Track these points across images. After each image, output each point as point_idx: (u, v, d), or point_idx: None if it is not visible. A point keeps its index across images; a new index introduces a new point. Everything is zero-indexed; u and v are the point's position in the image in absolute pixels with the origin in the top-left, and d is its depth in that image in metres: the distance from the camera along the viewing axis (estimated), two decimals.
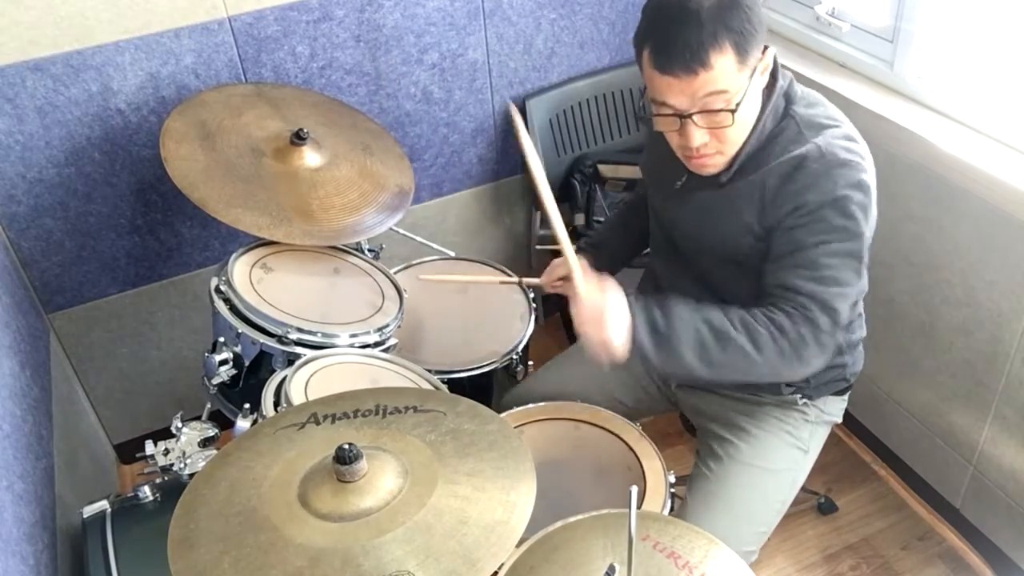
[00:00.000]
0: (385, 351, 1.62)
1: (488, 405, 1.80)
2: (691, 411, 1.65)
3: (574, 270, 1.34)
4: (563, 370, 1.72)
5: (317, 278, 1.72)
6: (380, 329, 1.62)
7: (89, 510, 1.51)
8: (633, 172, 2.28)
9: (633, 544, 0.99)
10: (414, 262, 2.00)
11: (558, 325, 2.52)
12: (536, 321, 1.88)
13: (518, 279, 1.81)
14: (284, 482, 1.03)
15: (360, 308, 1.67)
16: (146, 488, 1.51)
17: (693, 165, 1.34)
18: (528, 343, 1.84)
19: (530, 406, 1.55)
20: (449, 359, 1.77)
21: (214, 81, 1.93)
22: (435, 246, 2.02)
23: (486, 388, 1.81)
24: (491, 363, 1.77)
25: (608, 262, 1.75)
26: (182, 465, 1.52)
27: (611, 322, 1.27)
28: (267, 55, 1.95)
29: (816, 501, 2.11)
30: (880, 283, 1.36)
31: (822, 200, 1.26)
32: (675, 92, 1.22)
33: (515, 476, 1.05)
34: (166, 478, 1.54)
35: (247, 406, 1.53)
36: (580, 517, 1.15)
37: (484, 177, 2.39)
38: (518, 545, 1.03)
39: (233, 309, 1.55)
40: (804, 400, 1.52)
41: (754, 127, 1.30)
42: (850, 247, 1.27)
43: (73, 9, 1.72)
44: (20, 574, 1.27)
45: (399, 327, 1.68)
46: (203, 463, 1.50)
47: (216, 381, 1.58)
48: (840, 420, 1.60)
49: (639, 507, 1.04)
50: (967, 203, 1.72)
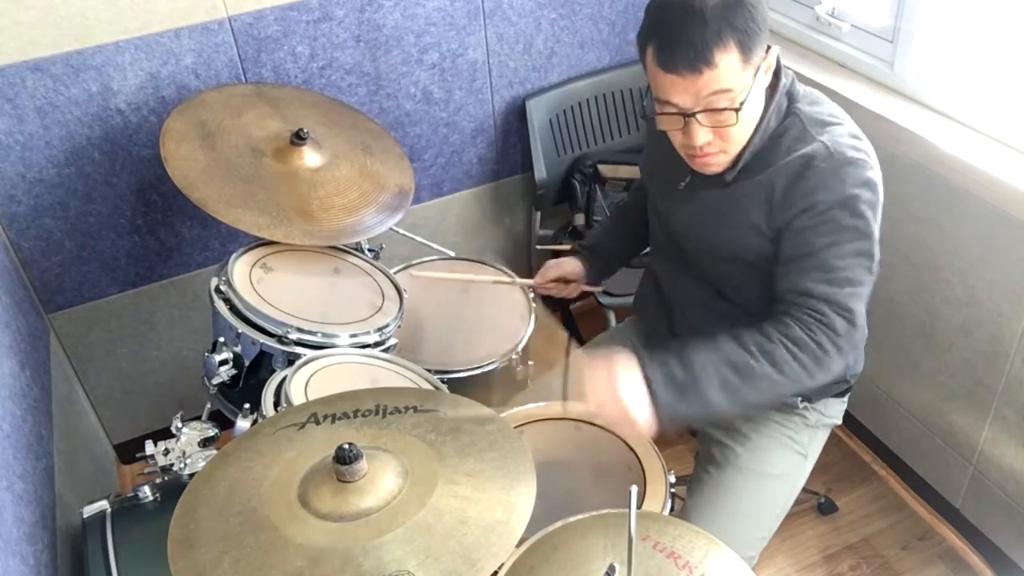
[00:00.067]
0: (385, 351, 1.62)
1: (488, 405, 1.82)
2: None
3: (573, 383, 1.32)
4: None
5: (317, 278, 1.72)
6: (380, 329, 1.62)
7: (89, 510, 1.51)
8: (633, 172, 2.27)
9: (633, 544, 0.99)
10: (414, 262, 2.00)
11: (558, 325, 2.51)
12: (536, 321, 1.88)
13: (511, 278, 1.81)
14: (284, 482, 1.03)
15: (360, 308, 1.67)
16: (146, 488, 1.51)
17: (696, 164, 1.34)
18: (528, 343, 1.84)
19: (530, 406, 1.55)
20: (449, 359, 1.77)
21: (214, 81, 1.93)
22: (435, 246, 2.02)
23: (486, 388, 1.81)
24: (491, 363, 1.77)
25: (604, 265, 1.76)
26: (182, 465, 1.52)
27: (629, 399, 1.23)
28: (267, 55, 1.95)
29: (816, 501, 2.11)
30: (880, 283, 1.36)
31: (831, 200, 1.25)
32: (679, 90, 1.22)
33: (515, 476, 1.05)
34: (166, 478, 1.54)
35: (247, 406, 1.53)
36: (580, 517, 1.15)
37: (484, 177, 2.39)
38: (518, 545, 1.03)
39: (233, 309, 1.55)
40: (804, 403, 1.52)
41: (758, 126, 1.30)
42: (861, 246, 1.27)
43: (73, 9, 1.72)
44: (20, 574, 1.27)
45: (399, 327, 1.68)
46: (203, 463, 1.50)
47: (216, 381, 1.57)
48: (840, 422, 1.60)
49: (639, 507, 1.04)
50: (967, 203, 1.72)
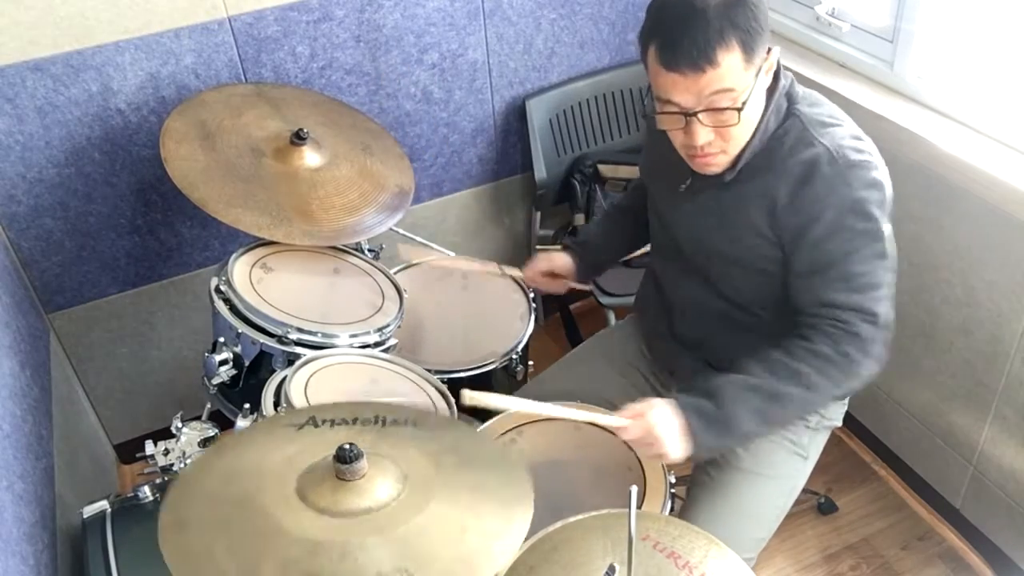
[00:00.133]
0: (385, 351, 1.62)
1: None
2: None
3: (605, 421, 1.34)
4: (561, 376, 1.71)
5: (317, 278, 1.72)
6: (380, 329, 1.62)
7: (89, 510, 1.51)
8: (633, 172, 2.28)
9: (633, 544, 0.99)
10: (414, 262, 2.00)
11: (558, 325, 2.52)
12: (536, 321, 1.88)
13: (498, 267, 1.78)
14: (282, 475, 1.02)
15: (360, 308, 1.67)
16: (146, 488, 1.51)
17: (696, 164, 1.34)
18: (528, 343, 1.84)
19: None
20: (449, 359, 1.77)
21: (214, 81, 1.93)
22: (435, 246, 2.02)
23: (486, 388, 1.81)
24: (491, 363, 1.77)
25: (594, 263, 1.75)
26: (182, 465, 1.52)
27: (668, 444, 1.26)
28: (267, 55, 1.95)
29: (816, 501, 2.11)
30: None
31: (841, 207, 1.25)
32: (681, 90, 1.22)
33: (513, 493, 1.05)
34: (166, 478, 1.54)
35: (247, 406, 1.53)
36: (580, 517, 1.15)
37: (484, 177, 2.39)
38: None
39: (233, 309, 1.55)
40: None
41: (757, 126, 1.29)
42: (877, 248, 1.27)
43: (73, 9, 1.72)
44: (20, 574, 1.27)
45: (399, 327, 1.68)
46: None
47: (216, 381, 1.57)
48: (840, 423, 1.60)
49: (639, 507, 1.04)
50: (967, 203, 1.72)
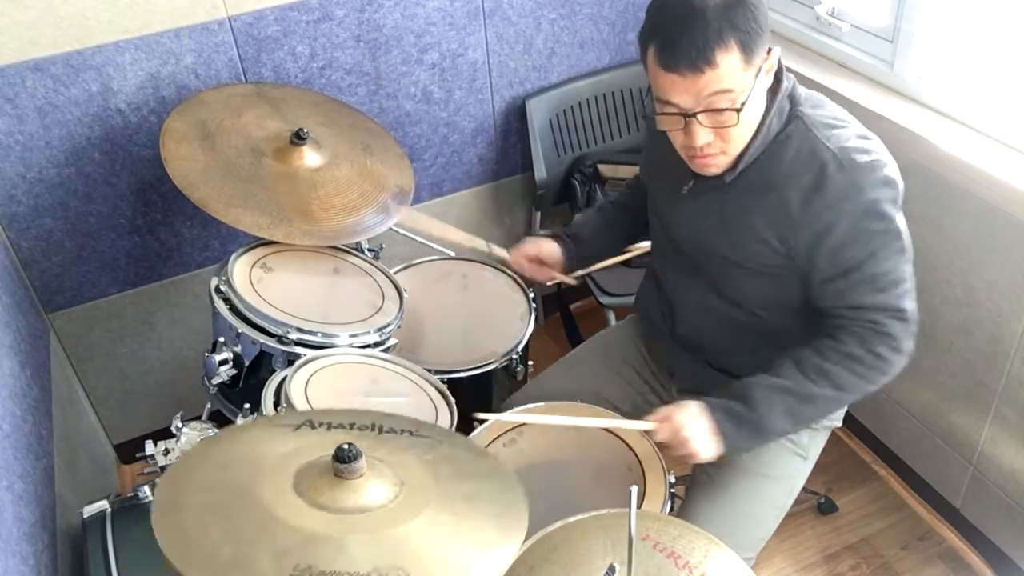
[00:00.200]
0: (385, 351, 1.62)
1: (488, 405, 1.82)
2: None
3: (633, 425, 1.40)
4: (561, 376, 1.71)
5: (317, 278, 1.72)
6: (380, 329, 1.62)
7: (89, 510, 1.51)
8: (633, 172, 2.27)
9: (633, 544, 0.99)
10: (414, 262, 2.00)
11: (558, 325, 2.51)
12: (536, 321, 1.88)
13: (486, 243, 1.75)
14: (279, 469, 1.02)
15: (360, 308, 1.67)
16: (146, 488, 1.51)
17: (696, 165, 1.33)
18: (528, 343, 1.84)
19: (530, 406, 1.55)
20: (449, 359, 1.77)
21: (214, 81, 1.93)
22: (435, 246, 2.02)
23: (486, 388, 1.81)
24: (491, 363, 1.77)
25: (581, 256, 1.73)
26: None
27: (699, 446, 1.32)
28: (267, 55, 1.95)
29: (816, 501, 2.11)
30: None
31: (856, 212, 1.26)
32: (680, 91, 1.22)
33: (506, 511, 1.04)
34: None
35: (247, 406, 1.53)
36: (580, 517, 1.15)
37: (484, 177, 2.39)
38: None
39: (233, 309, 1.55)
40: None
41: (759, 128, 1.29)
42: (896, 245, 1.29)
43: (73, 9, 1.72)
44: (20, 574, 1.27)
45: (399, 327, 1.68)
46: None
47: (216, 381, 1.58)
48: (840, 423, 1.60)
49: (639, 507, 1.04)
50: (967, 203, 1.72)
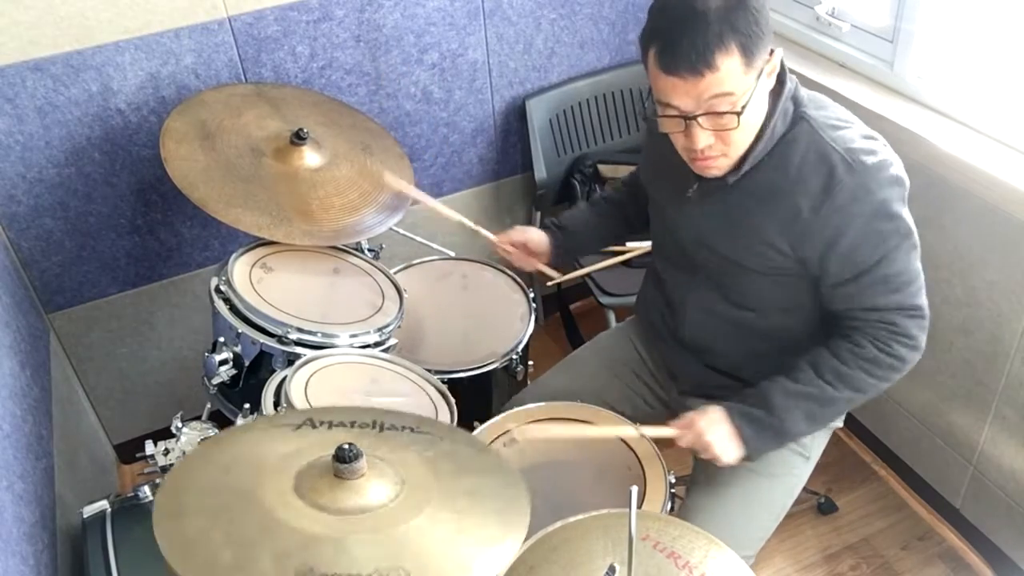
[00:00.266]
0: (385, 351, 1.62)
1: (488, 405, 1.82)
2: None
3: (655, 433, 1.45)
4: (562, 378, 1.71)
5: (317, 278, 1.72)
6: (380, 329, 1.62)
7: (89, 510, 1.51)
8: None
9: (633, 544, 0.99)
10: (414, 262, 2.00)
11: (558, 325, 2.52)
12: (536, 321, 1.88)
13: (473, 224, 1.73)
14: (279, 470, 1.02)
15: (360, 308, 1.67)
16: (146, 488, 1.52)
17: (697, 167, 1.33)
18: (528, 343, 1.84)
19: (530, 406, 1.55)
20: (449, 359, 1.77)
21: (214, 81, 1.93)
22: (435, 246, 2.02)
23: (486, 388, 1.81)
24: (491, 363, 1.77)
25: (568, 249, 1.73)
26: None
27: (721, 451, 1.36)
28: (267, 55, 1.95)
29: (816, 501, 2.11)
30: None
31: (866, 214, 1.26)
32: (680, 93, 1.21)
33: (508, 507, 1.04)
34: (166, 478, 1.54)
35: (247, 406, 1.53)
36: (580, 517, 1.15)
37: (484, 177, 2.39)
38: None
39: (233, 309, 1.55)
40: None
41: (762, 130, 1.28)
42: (907, 244, 1.30)
43: (73, 9, 1.72)
44: (20, 574, 1.27)
45: (399, 327, 1.68)
46: None
47: (216, 381, 1.58)
48: (841, 424, 1.60)
49: (639, 507, 1.04)
50: (967, 203, 1.72)
